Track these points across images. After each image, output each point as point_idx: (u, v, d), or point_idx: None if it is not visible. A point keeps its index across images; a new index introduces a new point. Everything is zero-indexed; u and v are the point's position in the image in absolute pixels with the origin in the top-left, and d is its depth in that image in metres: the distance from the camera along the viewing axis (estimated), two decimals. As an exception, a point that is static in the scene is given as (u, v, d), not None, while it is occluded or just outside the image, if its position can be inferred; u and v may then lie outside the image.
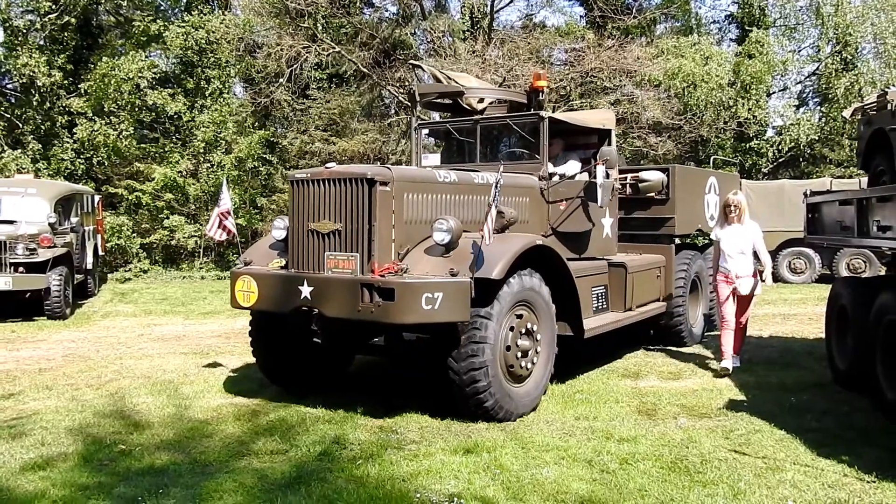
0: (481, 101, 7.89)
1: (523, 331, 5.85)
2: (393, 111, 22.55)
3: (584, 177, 7.22)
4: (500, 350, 5.65)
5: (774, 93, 25.07)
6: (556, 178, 7.12)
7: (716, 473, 4.59)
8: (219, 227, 7.67)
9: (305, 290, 5.64)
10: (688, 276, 8.89)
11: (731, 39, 26.56)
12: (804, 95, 25.93)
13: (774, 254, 17.40)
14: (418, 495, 4.23)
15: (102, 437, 5.42)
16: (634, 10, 22.15)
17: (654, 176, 8.21)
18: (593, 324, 6.95)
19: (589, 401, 6.42)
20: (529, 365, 5.94)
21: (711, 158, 12.15)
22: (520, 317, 5.82)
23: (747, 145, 23.04)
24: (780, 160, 23.23)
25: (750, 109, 21.62)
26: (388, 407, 6.06)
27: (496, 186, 5.39)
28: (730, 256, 7.45)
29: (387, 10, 22.93)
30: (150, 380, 7.37)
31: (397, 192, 5.70)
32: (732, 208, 7.54)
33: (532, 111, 7.37)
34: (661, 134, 21.47)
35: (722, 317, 7.61)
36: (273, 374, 6.72)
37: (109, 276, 18.73)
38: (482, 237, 5.28)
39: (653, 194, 8.42)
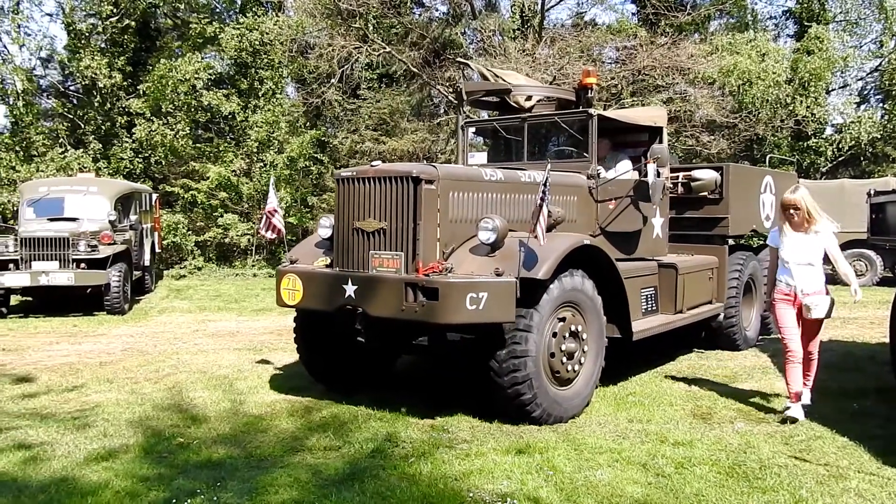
0: (529, 98, 7.79)
1: (568, 333, 5.74)
2: (442, 111, 22.60)
3: (635, 175, 7.08)
4: (544, 357, 5.56)
5: (834, 90, 24.43)
6: (606, 177, 6.97)
7: (775, 480, 4.48)
8: (268, 227, 7.78)
9: (350, 289, 5.63)
10: (741, 277, 8.65)
11: (788, 35, 25.97)
12: (865, 92, 25.22)
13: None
14: (471, 494, 4.23)
15: (162, 430, 5.54)
16: (688, 7, 21.80)
17: (707, 175, 8.02)
18: (642, 326, 6.82)
19: (642, 403, 6.34)
20: (576, 367, 5.84)
21: (767, 157, 11.88)
22: (564, 319, 5.72)
23: (805, 144, 22.49)
24: (840, 159, 22.61)
25: (808, 107, 21.09)
26: (437, 406, 6.06)
27: (545, 184, 5.28)
28: (793, 269, 5.91)
29: (437, 10, 23.02)
30: (205, 374, 7.51)
31: (443, 191, 5.66)
32: (793, 210, 5.95)
33: (581, 109, 7.24)
34: (715, 132, 21.08)
35: (784, 345, 5.97)
36: (317, 373, 6.74)
37: (165, 272, 19.16)
38: (536, 236, 5.19)
39: (706, 194, 8.23)
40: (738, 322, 8.62)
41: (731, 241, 9.19)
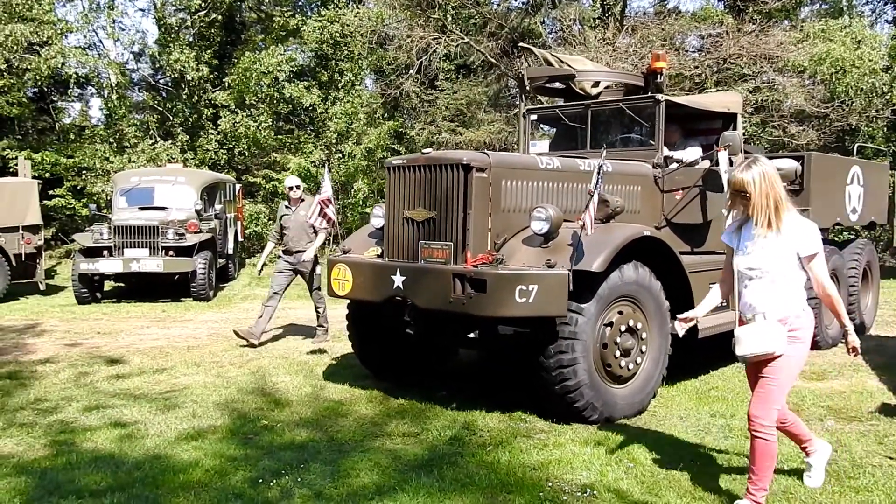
0: (596, 84, 7.50)
1: (624, 328, 5.48)
2: (527, 101, 22.46)
3: (705, 164, 6.76)
4: (596, 348, 5.33)
5: (934, 77, 23.11)
6: (673, 165, 6.71)
7: (870, 480, 4.31)
8: (320, 215, 7.72)
9: (398, 280, 5.53)
10: None
11: (886, 21, 24.72)
12: (969, 79, 23.77)
13: (930, 251, 16.11)
14: (550, 484, 4.21)
15: (247, 413, 5.72)
16: (778, -8, 20.98)
17: (786, 164, 7.64)
18: (710, 323, 6.37)
19: (725, 398, 6.18)
20: (632, 365, 5.57)
21: (856, 146, 11.36)
22: (621, 313, 5.47)
23: (902, 134, 21.39)
24: (940, 150, 21.42)
25: (907, 96, 20.03)
26: (515, 398, 6.03)
27: (598, 172, 5.07)
28: (742, 282, 3.93)
29: (516, 0, 22.87)
30: (287, 360, 7.70)
31: (494, 179, 5.49)
32: (741, 196, 3.89)
33: (647, 94, 6.94)
34: (804, 123, 20.27)
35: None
36: (372, 365, 6.69)
37: (248, 261, 19.70)
38: (582, 226, 4.98)
39: (785, 184, 7.89)
40: (819, 320, 8.07)
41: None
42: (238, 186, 17.68)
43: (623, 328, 5.49)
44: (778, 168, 7.58)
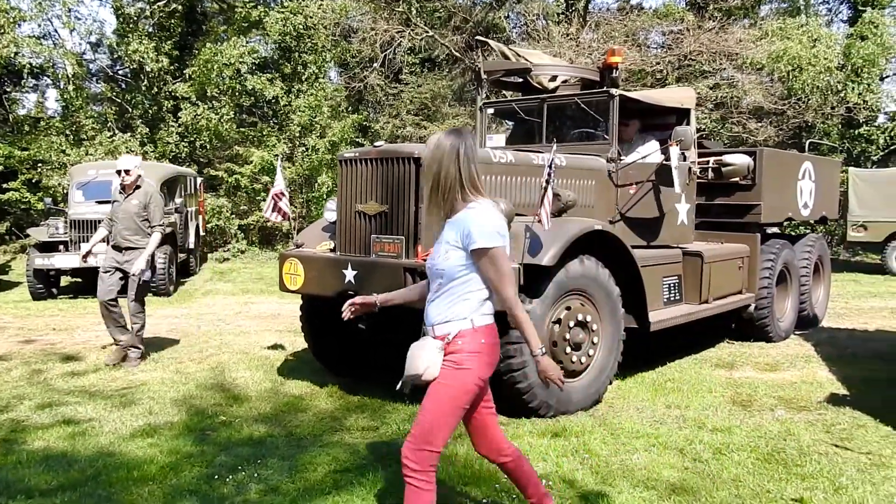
0: (553, 79, 7.50)
1: (574, 323, 5.47)
2: (484, 95, 22.53)
3: (658, 159, 6.78)
4: (546, 345, 5.13)
5: (888, 76, 23.69)
6: (628, 160, 6.70)
7: (815, 467, 4.43)
8: (273, 209, 7.63)
9: (349, 275, 5.50)
10: (774, 267, 8.27)
11: (841, 21, 25.24)
12: (921, 79, 24.38)
13: (883, 245, 16.52)
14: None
15: (205, 409, 5.67)
16: (737, -10, 21.32)
17: (738, 160, 7.75)
18: (662, 316, 6.52)
19: (681, 389, 6.29)
20: (584, 358, 5.60)
21: (808, 142, 11.56)
22: (569, 308, 5.46)
23: (856, 132, 21.88)
24: (893, 147, 21.95)
25: (860, 94, 20.49)
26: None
27: (549, 167, 5.05)
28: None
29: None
30: (247, 355, 7.65)
31: None
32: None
33: (602, 89, 6.93)
34: (762, 119, 20.64)
35: None
36: (326, 360, 6.64)
37: (209, 255, 19.49)
38: (539, 220, 4.97)
39: (737, 179, 7.93)
40: (770, 313, 8.27)
41: (770, 230, 8.91)
42: (199, 180, 17.46)
43: (573, 322, 5.50)
44: (730, 163, 7.71)
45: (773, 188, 8.29)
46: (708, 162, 7.84)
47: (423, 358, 2.96)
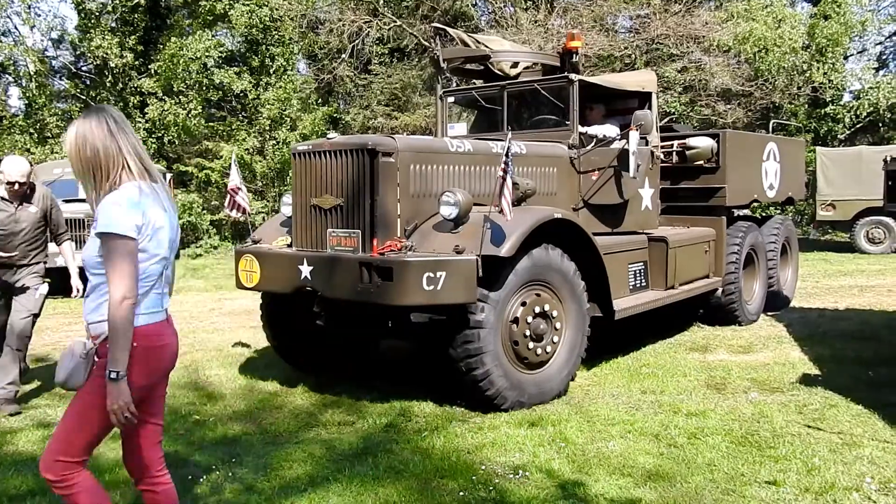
0: (515, 65, 7.40)
1: (535, 313, 5.36)
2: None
3: (620, 144, 6.66)
4: (506, 340, 5.25)
5: (852, 55, 24.00)
6: (589, 146, 6.59)
7: (788, 448, 4.48)
8: (231, 204, 7.46)
9: (305, 270, 5.34)
10: (741, 250, 8.22)
11: (805, 0, 25.49)
12: (884, 57, 24.79)
13: (851, 223, 16.76)
14: (483, 467, 4.26)
15: (178, 408, 5.60)
16: (703, -27, 21.39)
17: (702, 143, 7.71)
18: (628, 303, 6.44)
19: (656, 374, 6.34)
20: (548, 349, 5.50)
21: (772, 123, 11.62)
22: (527, 301, 5.34)
23: (822, 111, 22.15)
24: (858, 126, 22.27)
25: (825, 74, 20.73)
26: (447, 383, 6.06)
27: (507, 155, 4.90)
28: None
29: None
30: (221, 353, 7.57)
31: (402, 164, 5.32)
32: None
33: (561, 74, 6.78)
34: (731, 101, 20.82)
35: None
36: (289, 357, 6.48)
37: (181, 251, 19.28)
38: (500, 210, 4.84)
39: (702, 162, 7.87)
40: (738, 296, 8.24)
41: (738, 213, 8.87)
42: (169, 176, 17.24)
43: (535, 313, 5.39)
44: (694, 146, 7.67)
45: (738, 170, 8.24)
46: (672, 146, 7.80)
47: (64, 365, 2.66)
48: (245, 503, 3.84)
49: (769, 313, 9.10)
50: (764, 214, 12.29)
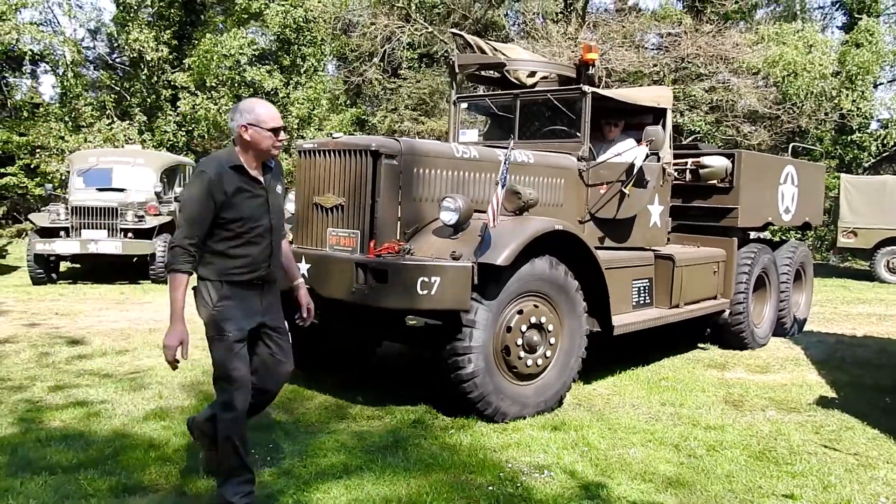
0: (532, 75, 7.38)
1: (526, 326, 5.31)
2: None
3: (629, 158, 6.57)
4: (497, 350, 5.22)
5: (882, 84, 24.02)
6: (600, 159, 6.59)
7: (805, 466, 4.62)
8: None
9: (303, 268, 5.29)
10: (751, 273, 8.09)
11: (836, 27, 25.55)
12: (914, 87, 24.74)
13: (872, 252, 16.78)
14: (509, 465, 4.43)
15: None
16: (735, -5, 21.52)
17: (716, 162, 7.65)
18: (628, 320, 6.36)
19: (675, 388, 6.47)
20: (540, 361, 5.42)
21: (791, 147, 11.64)
22: (523, 311, 5.30)
23: (849, 138, 22.17)
24: (885, 155, 22.28)
25: (854, 101, 20.77)
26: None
27: (504, 163, 4.92)
28: None
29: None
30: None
31: (405, 167, 5.29)
32: None
33: (574, 86, 6.76)
34: (757, 123, 20.88)
35: None
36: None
37: (205, 244, 19.56)
38: (488, 219, 4.87)
39: (715, 182, 7.81)
40: (746, 319, 8.09)
41: (754, 234, 8.80)
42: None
43: (529, 323, 5.34)
44: (708, 165, 7.66)
45: (752, 192, 8.14)
46: (686, 163, 7.78)
47: None
48: (284, 487, 4.02)
49: (784, 338, 9.10)
50: (784, 238, 12.32)
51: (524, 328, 5.31)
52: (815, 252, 21.24)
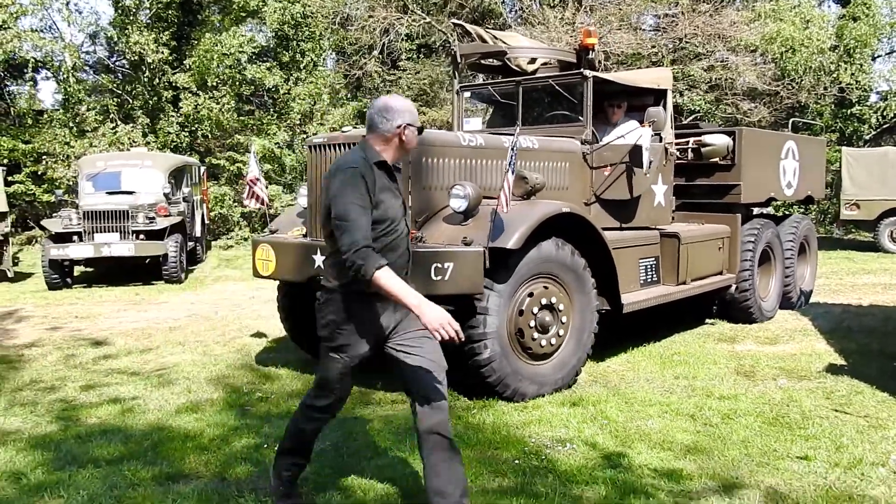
0: (532, 61, 7.47)
1: (537, 308, 5.45)
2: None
3: (631, 140, 6.69)
4: (511, 330, 5.36)
5: (880, 56, 24.05)
6: (604, 141, 6.74)
7: (817, 429, 4.79)
8: (250, 195, 7.69)
9: (319, 260, 5.45)
10: (756, 247, 8.27)
11: (833, 1, 25.54)
12: (912, 58, 24.75)
13: (876, 223, 16.90)
14: (532, 440, 4.60)
15: (239, 387, 5.99)
16: (731, -27, 21.54)
17: (718, 140, 7.80)
18: (638, 297, 6.51)
19: (687, 362, 6.64)
20: (553, 341, 5.58)
21: (791, 122, 11.66)
22: (534, 293, 5.44)
23: (849, 111, 22.24)
24: (885, 126, 22.35)
25: (853, 74, 20.83)
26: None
27: (512, 149, 5.03)
28: None
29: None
30: (269, 338, 7.96)
31: (414, 157, 5.41)
32: None
33: (575, 71, 6.92)
34: (756, 100, 20.96)
35: None
36: (304, 344, 6.70)
37: (213, 243, 19.75)
38: (498, 204, 5.00)
39: (717, 160, 7.97)
40: (752, 293, 8.27)
41: (759, 210, 8.91)
42: (203, 169, 17.70)
43: (541, 304, 5.48)
44: (709, 143, 7.79)
45: (754, 168, 8.28)
46: (688, 143, 7.91)
47: None
48: (318, 470, 4.20)
49: (791, 310, 9.27)
50: (787, 213, 12.42)
51: (536, 310, 5.45)
52: (819, 225, 21.35)
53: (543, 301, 5.50)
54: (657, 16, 20.88)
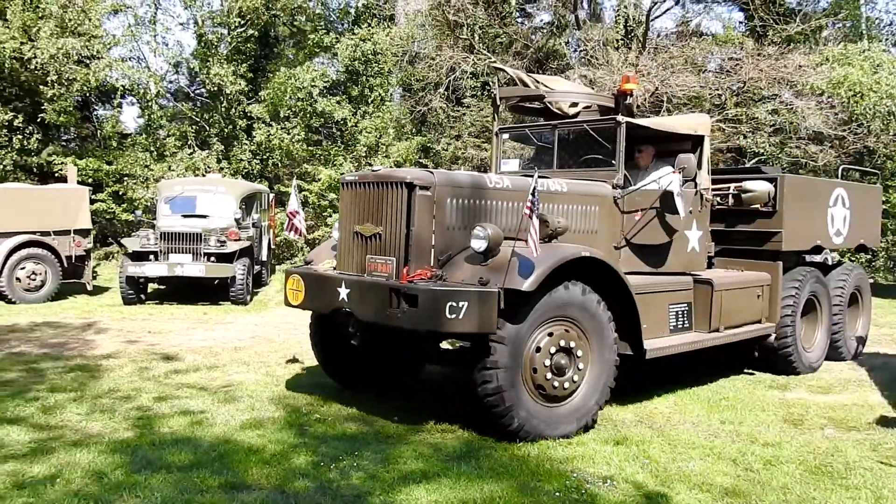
0: (574, 105, 7.52)
1: (555, 349, 5.51)
2: (492, 119, 23.05)
3: (663, 185, 6.73)
4: (526, 371, 5.43)
5: (953, 102, 23.44)
6: (635, 186, 6.76)
7: (860, 480, 4.85)
8: (288, 227, 7.81)
9: (343, 292, 5.71)
10: (798, 296, 8.09)
11: (905, 46, 25.10)
12: None
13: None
14: (574, 475, 4.79)
15: (299, 407, 6.33)
16: (798, 18, 21.47)
17: (759, 186, 7.77)
18: (663, 343, 6.50)
19: (734, 407, 6.72)
20: (568, 384, 5.61)
21: (840, 169, 11.34)
22: (553, 333, 5.52)
23: (919, 157, 21.73)
24: (955, 173, 21.76)
25: (923, 120, 20.39)
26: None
27: (533, 193, 5.12)
28: None
29: (541, 20, 23.53)
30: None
31: (439, 198, 5.65)
32: None
33: (609, 116, 7.02)
34: (823, 144, 20.69)
35: None
36: (335, 374, 6.94)
37: (278, 267, 20.39)
38: (528, 247, 5.10)
39: (758, 206, 7.92)
40: (794, 343, 8.06)
41: (809, 258, 8.73)
42: (272, 196, 18.40)
43: (558, 346, 5.54)
44: (750, 189, 7.84)
45: (797, 215, 8.14)
46: (728, 188, 7.91)
47: None
48: (371, 489, 4.48)
49: (843, 361, 9.04)
50: (841, 261, 12.21)
51: (553, 350, 5.52)
52: (888, 272, 20.87)
53: (562, 343, 5.57)
54: (722, 59, 20.90)
